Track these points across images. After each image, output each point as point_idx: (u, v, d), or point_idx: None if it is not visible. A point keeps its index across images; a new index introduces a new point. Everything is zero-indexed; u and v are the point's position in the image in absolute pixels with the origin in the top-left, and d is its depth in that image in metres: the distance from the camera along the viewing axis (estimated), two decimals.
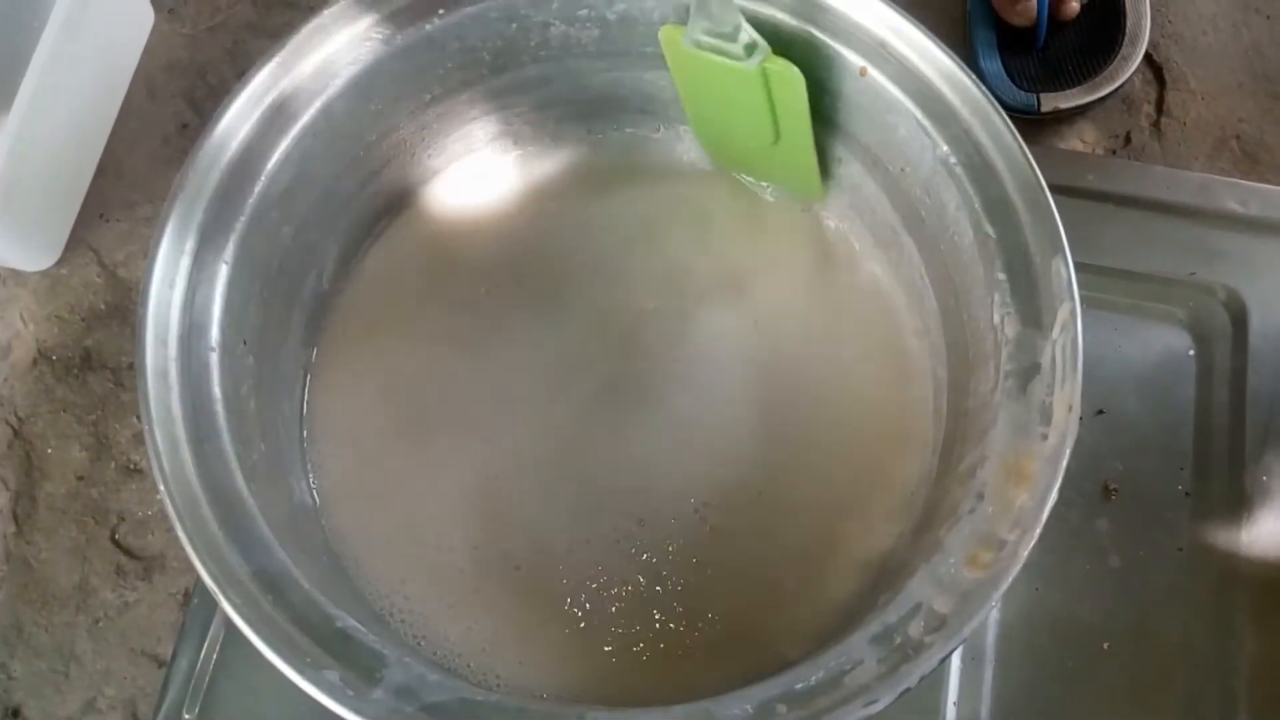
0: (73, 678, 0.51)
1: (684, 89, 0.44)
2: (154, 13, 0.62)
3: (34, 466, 0.54)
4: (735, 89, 0.41)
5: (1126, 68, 0.58)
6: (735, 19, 0.38)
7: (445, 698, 0.32)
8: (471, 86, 0.45)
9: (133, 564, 0.53)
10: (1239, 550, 0.48)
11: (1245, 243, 0.52)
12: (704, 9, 0.38)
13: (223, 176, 0.38)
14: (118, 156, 0.60)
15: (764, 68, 0.39)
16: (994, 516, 0.34)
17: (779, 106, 0.41)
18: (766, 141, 0.43)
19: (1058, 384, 0.35)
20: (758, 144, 0.44)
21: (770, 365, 0.46)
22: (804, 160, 0.44)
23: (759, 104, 0.41)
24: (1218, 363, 0.51)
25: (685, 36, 0.40)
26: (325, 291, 0.46)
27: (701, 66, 0.40)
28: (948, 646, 0.32)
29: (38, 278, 0.58)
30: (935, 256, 0.42)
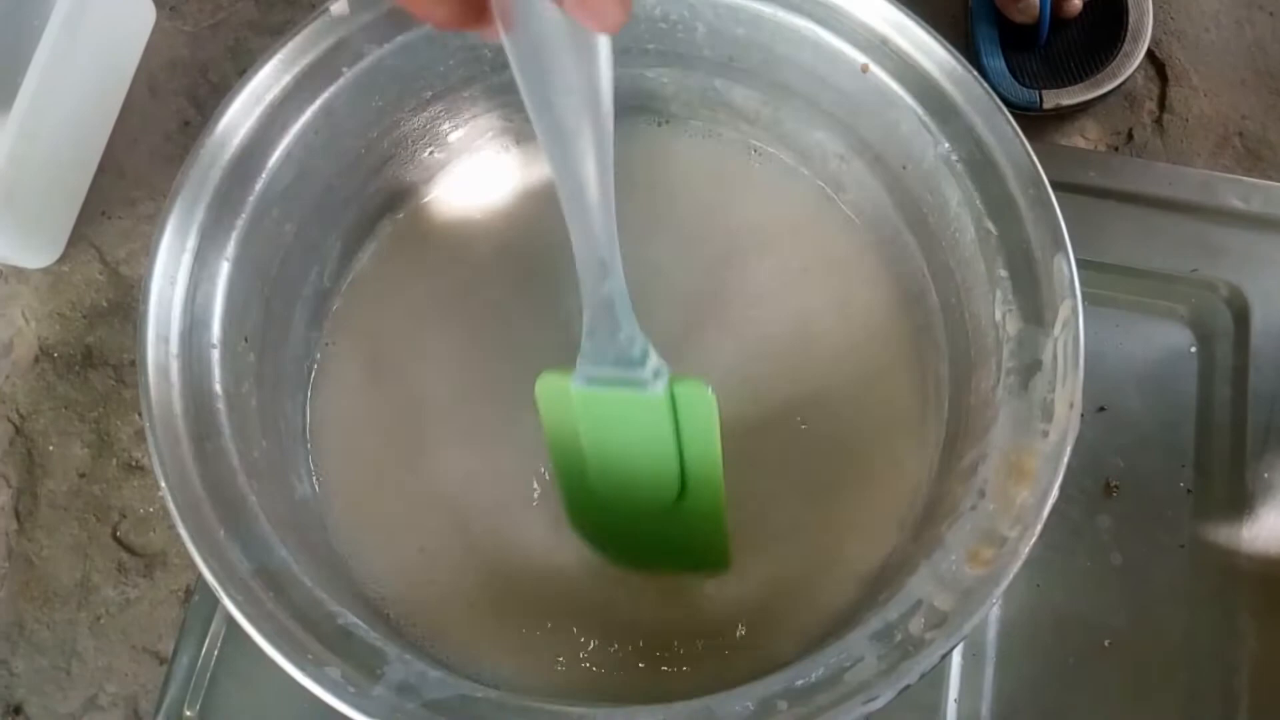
0: (74, 675, 0.51)
1: (557, 446, 0.38)
2: (155, 10, 0.62)
3: (36, 464, 0.54)
4: (635, 428, 0.35)
5: (1129, 64, 0.58)
6: (640, 340, 0.34)
7: (446, 695, 0.32)
8: (473, 84, 0.45)
9: (134, 561, 0.53)
10: (1240, 547, 0.48)
11: (1248, 239, 0.52)
12: (605, 335, 0.33)
13: (224, 174, 0.38)
14: (119, 154, 0.60)
15: (673, 390, 0.34)
16: (995, 513, 0.34)
17: (688, 439, 0.36)
18: (669, 495, 0.37)
19: (1059, 381, 0.35)
20: (655, 504, 0.38)
21: (770, 363, 0.46)
22: (712, 513, 0.38)
23: (664, 442, 0.35)
24: (1220, 360, 0.51)
25: (577, 376, 0.35)
26: (327, 289, 0.46)
27: (592, 409, 0.35)
28: (948, 643, 0.32)
29: (39, 275, 0.58)
30: (937, 253, 0.42)
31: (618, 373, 0.34)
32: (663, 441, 0.36)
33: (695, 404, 0.35)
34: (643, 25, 0.43)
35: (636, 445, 0.36)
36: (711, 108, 0.48)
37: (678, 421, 0.35)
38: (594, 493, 0.38)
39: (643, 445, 0.36)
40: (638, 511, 0.38)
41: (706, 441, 0.36)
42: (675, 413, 0.35)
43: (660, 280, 0.47)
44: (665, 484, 0.37)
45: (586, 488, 0.38)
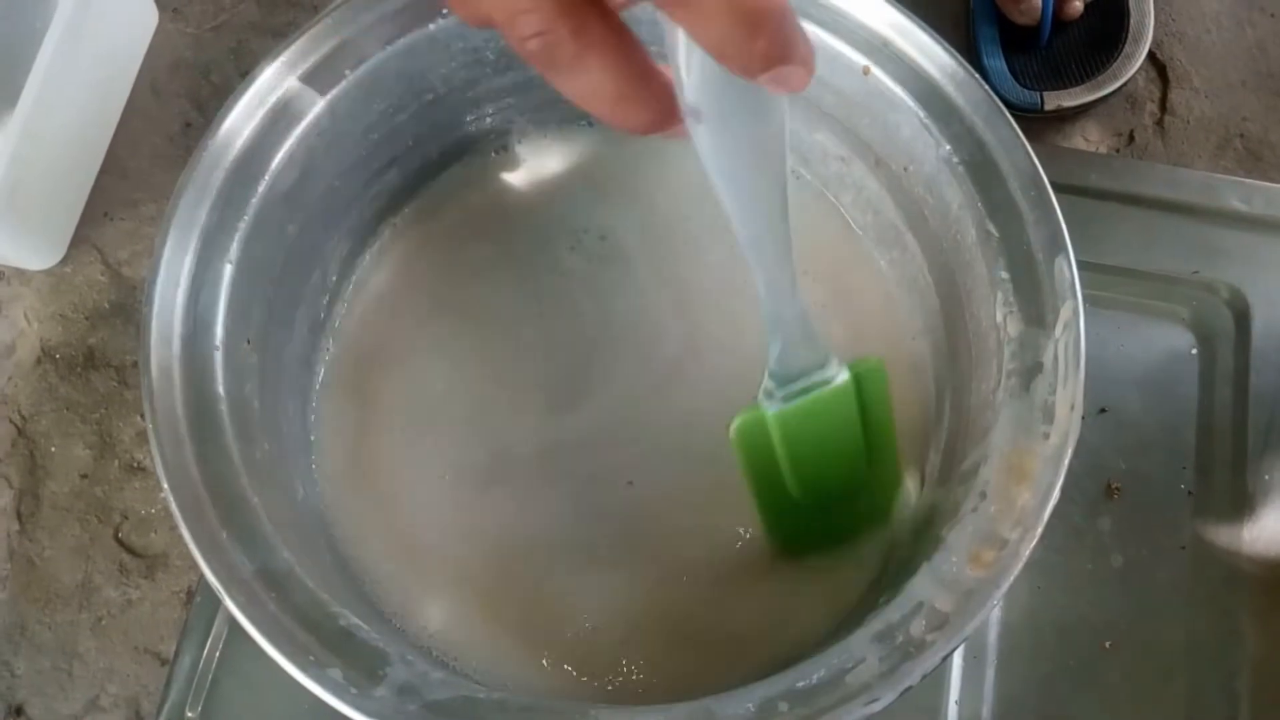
0: (76, 676, 0.51)
1: (759, 480, 0.40)
2: (158, 12, 0.62)
3: (38, 465, 0.55)
4: (829, 421, 0.38)
5: (1130, 66, 0.58)
6: (822, 343, 0.36)
7: (448, 696, 0.32)
8: (475, 85, 0.45)
9: (136, 562, 0.53)
10: (1242, 549, 0.48)
11: (1249, 241, 0.52)
12: (795, 352, 0.36)
13: (226, 176, 0.38)
14: (122, 155, 0.60)
15: (855, 373, 0.37)
16: (996, 515, 0.34)
17: (869, 412, 0.39)
18: (860, 467, 0.41)
19: (1060, 383, 0.35)
20: (850, 482, 0.41)
21: None
22: (889, 458, 0.42)
23: (852, 422, 0.39)
24: (1221, 361, 0.51)
25: (770, 401, 0.37)
26: (330, 291, 0.46)
27: (792, 424, 0.38)
28: (949, 645, 0.32)
29: (42, 276, 0.58)
30: (938, 255, 0.42)
31: (807, 381, 0.37)
32: (851, 423, 0.39)
33: (872, 376, 0.38)
34: (644, 27, 0.43)
35: (830, 438, 0.39)
36: None
37: (860, 400, 0.38)
38: (793, 502, 0.41)
39: (835, 436, 0.39)
40: (832, 499, 0.41)
41: (883, 405, 0.39)
42: (858, 393, 0.38)
43: (659, 283, 0.47)
44: (856, 460, 0.40)
45: (786, 501, 0.41)
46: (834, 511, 0.42)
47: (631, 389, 0.45)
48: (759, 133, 0.27)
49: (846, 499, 0.42)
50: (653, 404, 0.45)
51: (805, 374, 0.37)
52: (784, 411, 0.37)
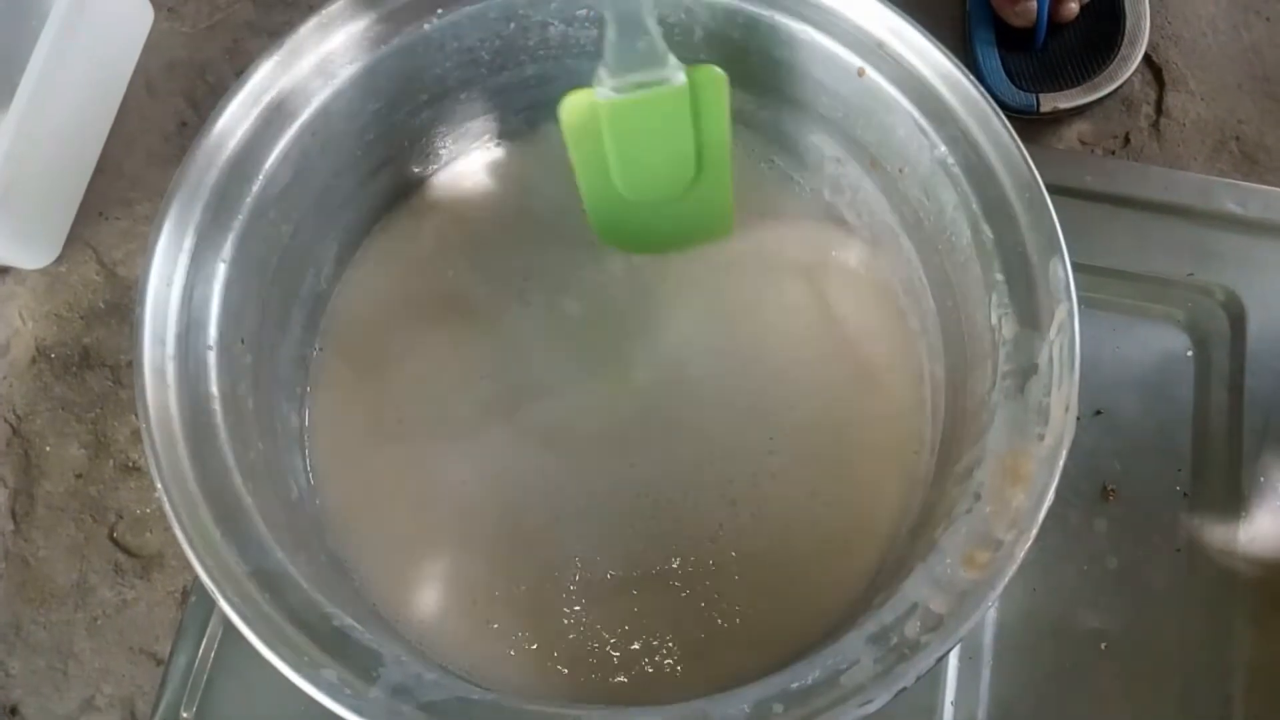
0: (71, 676, 0.51)
1: (584, 162, 0.41)
2: (153, 11, 0.62)
3: (32, 464, 0.54)
4: (660, 122, 0.39)
5: (1126, 68, 0.58)
6: (661, 42, 0.37)
7: (442, 697, 0.32)
8: (470, 86, 0.45)
9: (131, 562, 0.53)
10: (1236, 551, 0.48)
11: (1244, 244, 0.52)
12: (630, 43, 0.36)
13: (221, 175, 0.38)
14: (117, 155, 0.60)
15: (691, 79, 0.38)
16: (991, 517, 0.34)
17: (703, 119, 0.40)
18: (688, 177, 0.42)
19: (1055, 384, 0.35)
20: (677, 187, 0.42)
21: (764, 365, 0.46)
22: (720, 179, 0.42)
23: (684, 129, 0.40)
24: (1216, 364, 0.51)
25: (603, 88, 0.38)
26: (324, 290, 0.46)
27: (620, 116, 0.39)
28: (944, 646, 0.32)
29: (37, 275, 0.58)
30: (933, 257, 0.42)
31: (642, 76, 0.37)
32: (683, 128, 0.39)
33: (710, 85, 0.38)
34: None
35: (660, 139, 0.40)
36: None
37: (695, 106, 0.39)
38: (618, 196, 0.42)
39: (665, 137, 0.40)
40: (659, 199, 0.42)
41: (719, 117, 0.40)
42: (693, 99, 0.38)
43: (653, 283, 0.47)
44: (685, 167, 0.41)
45: (611, 194, 0.42)
46: (661, 213, 0.43)
47: (629, 383, 0.45)
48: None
49: (673, 202, 0.42)
50: (651, 396, 0.45)
51: (641, 69, 0.37)
52: (615, 102, 0.38)
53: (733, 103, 0.46)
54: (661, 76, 0.38)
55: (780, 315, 0.47)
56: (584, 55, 0.45)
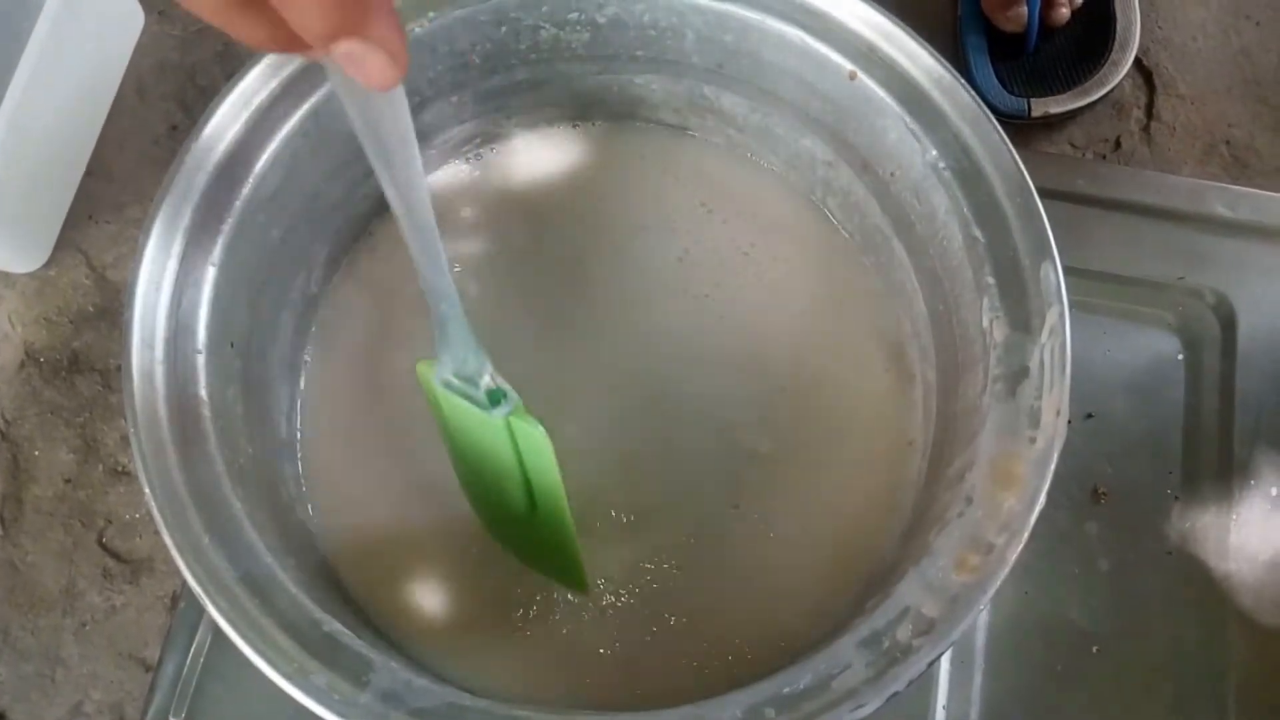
0: (59, 681, 0.51)
1: (445, 432, 0.39)
2: (144, 14, 0.62)
3: (21, 469, 0.54)
4: (487, 442, 0.36)
5: (1116, 73, 0.58)
6: (478, 360, 0.34)
7: (432, 703, 0.32)
8: (461, 89, 0.45)
9: (120, 567, 0.53)
10: (1228, 553, 0.48)
11: (1234, 247, 0.52)
12: (446, 343, 0.34)
13: (210, 178, 0.38)
14: (107, 158, 0.60)
15: (509, 422, 0.34)
16: (982, 520, 0.34)
17: (531, 471, 0.36)
18: (523, 509, 0.38)
19: (1046, 388, 0.35)
20: (516, 511, 0.39)
21: (756, 368, 0.46)
22: (563, 540, 0.38)
23: (510, 463, 0.36)
24: (1206, 367, 0.51)
25: (436, 375, 0.35)
26: (314, 294, 0.45)
27: (449, 412, 0.36)
28: (936, 650, 0.32)
29: (26, 279, 0.57)
30: (924, 260, 0.42)
31: (463, 386, 0.35)
32: (508, 462, 0.36)
33: (531, 442, 0.35)
34: (632, 32, 0.44)
35: (488, 456, 0.37)
36: (700, 114, 0.48)
37: (518, 451, 0.36)
38: (473, 479, 0.39)
39: (492, 458, 0.36)
40: (505, 510, 0.39)
41: (548, 477, 0.36)
42: (515, 442, 0.35)
43: (645, 284, 0.47)
44: (516, 498, 0.38)
45: (466, 469, 0.39)
46: (516, 530, 0.40)
47: (623, 385, 0.45)
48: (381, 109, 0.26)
49: (520, 524, 0.39)
50: (644, 402, 0.45)
51: (461, 380, 0.35)
52: (444, 395, 0.35)
53: (725, 106, 0.47)
54: (479, 399, 0.35)
55: (769, 319, 0.46)
56: (575, 59, 0.45)
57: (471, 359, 0.34)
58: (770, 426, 0.45)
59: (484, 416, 0.35)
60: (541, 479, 0.36)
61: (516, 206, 0.49)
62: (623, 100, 0.48)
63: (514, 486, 0.37)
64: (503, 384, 0.35)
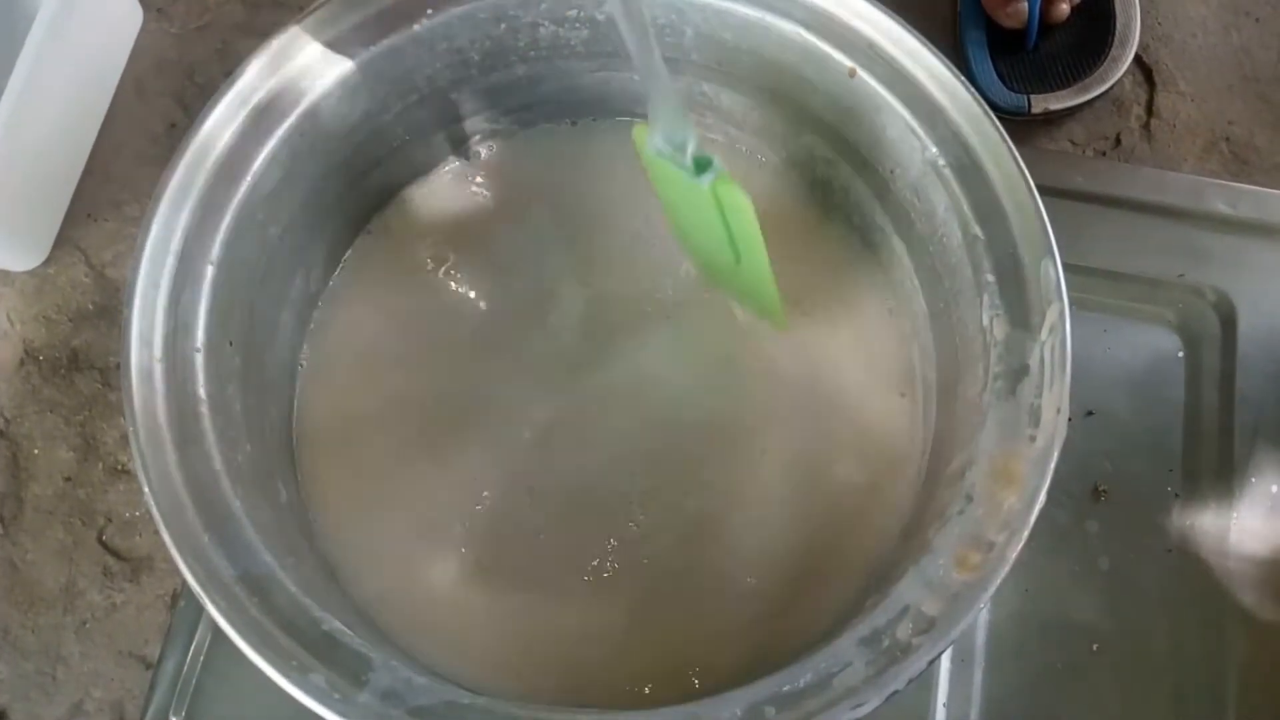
0: (60, 680, 0.51)
1: (661, 194, 0.42)
2: (142, 12, 0.62)
3: (20, 467, 0.54)
4: (695, 203, 0.39)
5: (1116, 69, 0.58)
6: (685, 132, 0.37)
7: (432, 701, 0.32)
8: (460, 87, 0.45)
9: (120, 565, 0.52)
10: (1228, 551, 0.48)
11: (1234, 244, 0.52)
12: (656, 116, 0.37)
13: (209, 177, 0.38)
14: (105, 156, 0.59)
15: (714, 187, 0.38)
16: (983, 518, 0.34)
17: (734, 230, 0.40)
18: (730, 260, 0.42)
19: (1046, 385, 0.35)
20: (724, 262, 0.42)
21: (754, 366, 0.46)
22: (764, 287, 0.42)
23: (714, 222, 0.40)
24: (1207, 364, 0.51)
25: (648, 141, 0.38)
26: (313, 292, 0.45)
27: (666, 173, 0.39)
28: (936, 649, 0.32)
29: (25, 277, 0.57)
30: (924, 258, 0.42)
31: (673, 154, 0.38)
32: (713, 220, 0.40)
33: (734, 203, 0.38)
34: None
35: (695, 213, 0.40)
36: (700, 111, 0.48)
37: (723, 212, 0.39)
38: (686, 232, 0.43)
39: (700, 215, 0.40)
40: (715, 259, 0.43)
41: (749, 234, 0.39)
42: (720, 205, 0.38)
43: (644, 280, 0.47)
44: (723, 250, 0.41)
45: (680, 225, 0.43)
46: (724, 268, 0.43)
47: (618, 387, 0.45)
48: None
49: (731, 273, 0.43)
50: (645, 400, 0.45)
51: (676, 146, 0.37)
52: (656, 159, 0.39)
53: (724, 103, 0.47)
54: (684, 166, 0.38)
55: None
56: (574, 56, 0.45)
57: (679, 130, 0.37)
58: (768, 424, 0.45)
59: (692, 182, 0.38)
60: (744, 235, 0.40)
61: (515, 204, 0.49)
62: (622, 98, 0.48)
63: (721, 241, 0.41)
64: (706, 152, 0.38)
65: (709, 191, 0.38)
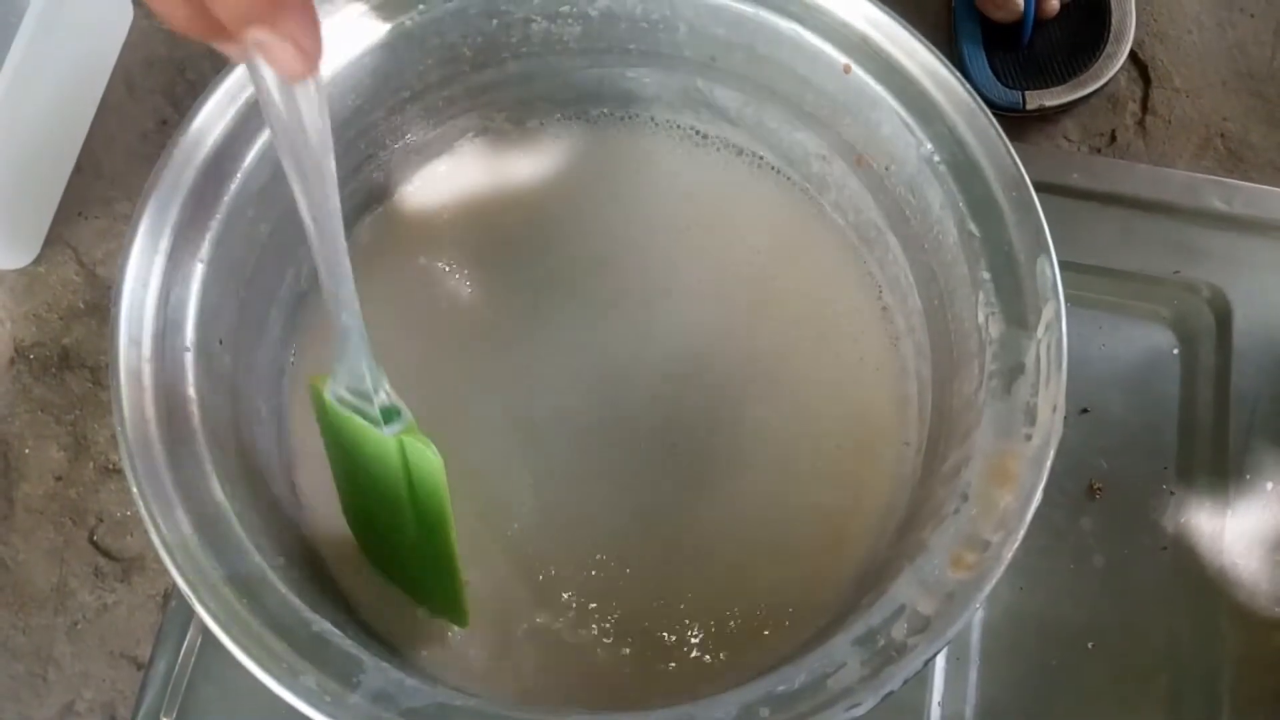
0: (51, 681, 0.51)
1: (331, 450, 0.39)
2: (133, 8, 0.61)
3: (11, 467, 0.54)
4: (376, 459, 0.35)
5: (1111, 66, 0.58)
6: (375, 376, 0.34)
7: (423, 703, 0.31)
8: (452, 83, 0.45)
9: (111, 565, 0.52)
10: (1223, 549, 0.48)
11: (1229, 241, 0.52)
12: (344, 357, 0.34)
13: (198, 173, 0.37)
14: (96, 153, 0.59)
15: (400, 440, 0.34)
16: (978, 517, 0.34)
17: (419, 495, 0.36)
18: (408, 533, 0.37)
19: (1042, 383, 0.35)
20: (399, 538, 0.38)
21: (750, 365, 0.45)
22: (445, 569, 0.37)
23: (397, 484, 0.36)
24: (1202, 361, 0.51)
25: (329, 389, 0.35)
26: (303, 290, 0.45)
27: (338, 427, 0.36)
28: (931, 649, 0.32)
29: (15, 276, 0.57)
30: (919, 255, 0.42)
31: (357, 401, 0.35)
32: (395, 482, 0.36)
33: (423, 462, 0.34)
34: (623, 25, 0.43)
35: (375, 475, 0.36)
36: (693, 108, 0.47)
37: (409, 471, 0.35)
38: (356, 500, 0.39)
39: (380, 477, 0.36)
40: (387, 536, 0.39)
41: (436, 499, 0.35)
42: (406, 462, 0.35)
43: (636, 278, 0.47)
44: (401, 521, 0.37)
45: (349, 490, 0.39)
46: (398, 555, 0.39)
47: (615, 388, 0.45)
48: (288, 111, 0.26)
49: (402, 549, 0.38)
50: (637, 398, 0.45)
51: (355, 394, 0.35)
52: (333, 408, 0.35)
53: (718, 100, 0.46)
54: (372, 415, 0.34)
55: (763, 314, 0.46)
56: (566, 52, 0.45)
57: (369, 374, 0.34)
58: (762, 423, 0.44)
59: (375, 434, 0.34)
60: (429, 501, 0.36)
61: (506, 201, 0.48)
62: (615, 94, 0.47)
63: (400, 508, 0.36)
64: (398, 401, 0.35)
65: (394, 444, 0.34)
